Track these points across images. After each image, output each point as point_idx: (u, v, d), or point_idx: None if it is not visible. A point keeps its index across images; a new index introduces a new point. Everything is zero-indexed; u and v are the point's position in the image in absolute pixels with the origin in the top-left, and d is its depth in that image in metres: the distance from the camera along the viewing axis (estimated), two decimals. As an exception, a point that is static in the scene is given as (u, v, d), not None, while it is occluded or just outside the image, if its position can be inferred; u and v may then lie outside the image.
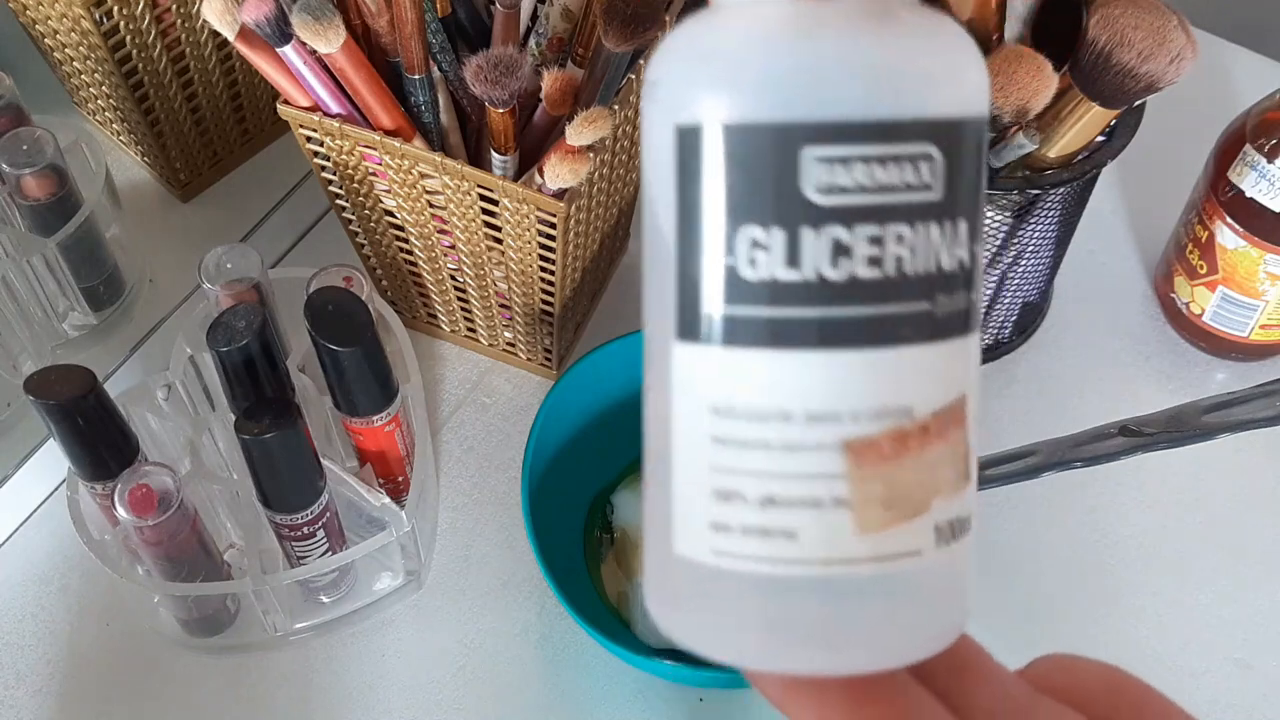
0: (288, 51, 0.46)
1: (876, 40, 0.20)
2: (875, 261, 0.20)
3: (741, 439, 0.21)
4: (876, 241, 0.20)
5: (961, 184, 0.21)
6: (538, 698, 0.53)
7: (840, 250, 0.20)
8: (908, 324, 0.20)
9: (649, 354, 0.22)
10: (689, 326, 0.21)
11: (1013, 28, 0.53)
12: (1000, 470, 0.57)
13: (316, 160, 0.52)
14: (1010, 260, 0.57)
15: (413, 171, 0.50)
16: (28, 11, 0.58)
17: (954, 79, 0.21)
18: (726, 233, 0.20)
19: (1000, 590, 0.55)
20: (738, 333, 0.20)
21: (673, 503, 0.22)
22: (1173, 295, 0.63)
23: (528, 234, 0.50)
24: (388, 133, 0.49)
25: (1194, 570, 0.57)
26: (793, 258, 0.20)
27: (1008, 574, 0.56)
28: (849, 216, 0.20)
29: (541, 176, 0.47)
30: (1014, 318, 0.62)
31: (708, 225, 0.20)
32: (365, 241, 0.58)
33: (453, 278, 0.57)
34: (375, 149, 0.49)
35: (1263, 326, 0.60)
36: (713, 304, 0.21)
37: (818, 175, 0.20)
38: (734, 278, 0.20)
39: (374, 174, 0.51)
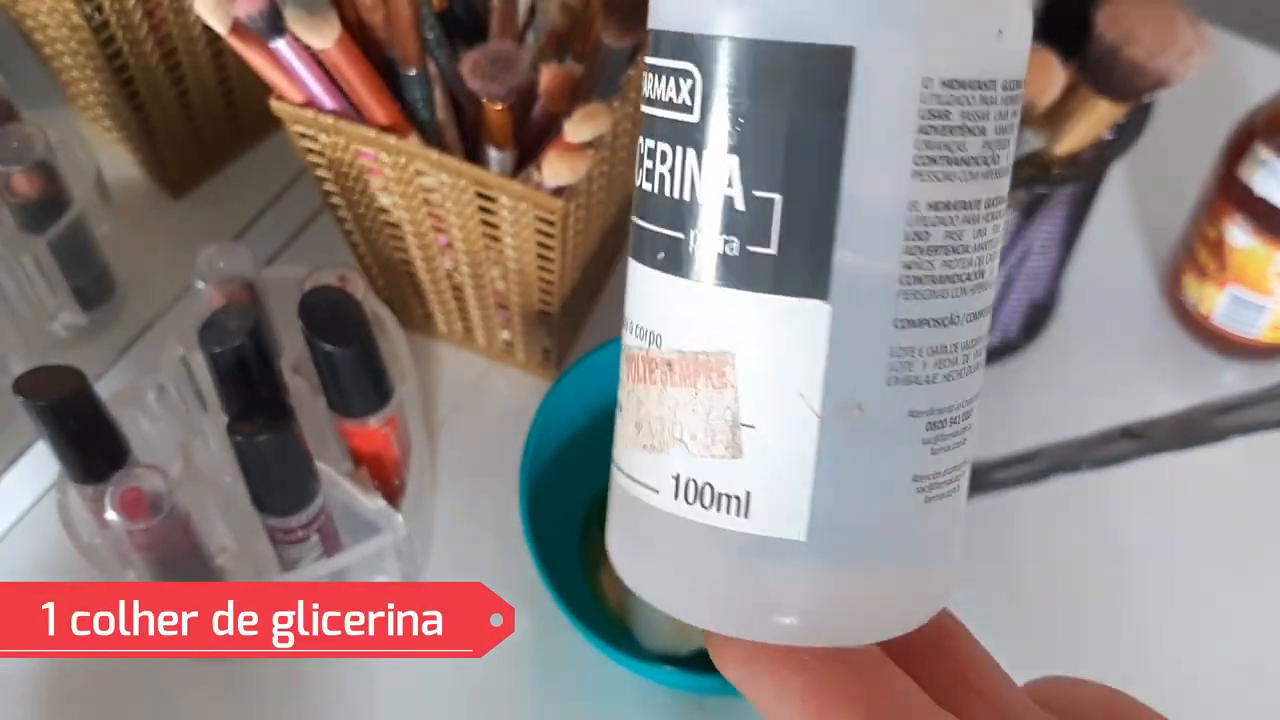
0: (281, 46, 0.46)
1: None
2: (649, 176, 0.21)
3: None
4: (652, 156, 0.21)
5: (726, 111, 0.20)
6: (536, 705, 0.52)
7: (640, 161, 0.21)
8: (661, 248, 0.21)
9: None
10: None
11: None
12: (1007, 473, 0.57)
13: (310, 157, 0.51)
14: (1017, 260, 0.56)
15: (409, 168, 0.49)
16: (18, 6, 0.57)
17: None
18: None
19: (1006, 594, 0.54)
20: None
21: None
22: (1181, 295, 0.62)
23: (526, 232, 0.49)
24: (383, 129, 0.48)
25: (1204, 575, 0.56)
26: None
27: (1014, 578, 0.55)
28: (648, 129, 0.21)
29: (540, 174, 0.46)
30: (1021, 318, 0.61)
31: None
32: (360, 240, 0.57)
33: (449, 277, 0.56)
34: (370, 145, 0.48)
35: (1273, 326, 0.59)
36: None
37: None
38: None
39: (369, 171, 0.51)
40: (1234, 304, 0.59)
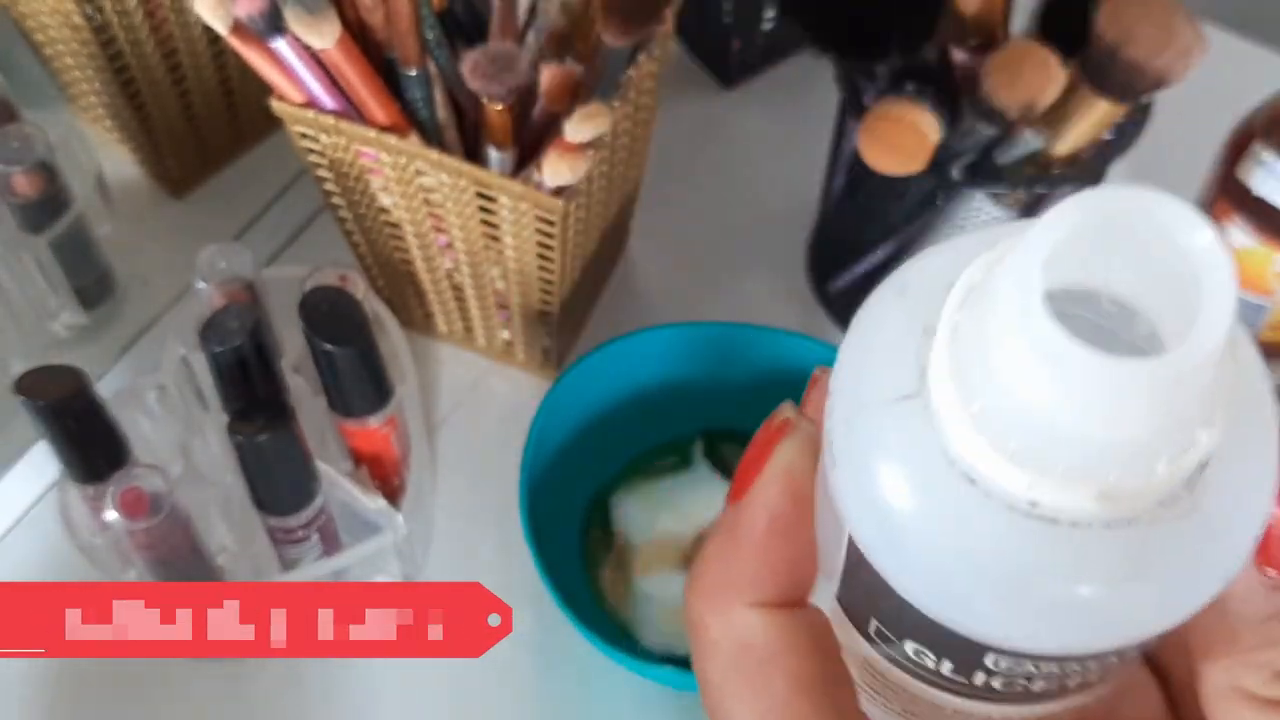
0: (281, 46, 0.46)
1: (1113, 600, 0.17)
2: (1046, 681, 0.19)
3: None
4: (1044, 676, 0.19)
5: None
6: (536, 705, 0.52)
7: (1010, 682, 0.19)
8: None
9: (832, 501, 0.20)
10: (851, 620, 0.20)
11: (1020, 21, 0.52)
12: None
13: (311, 157, 0.51)
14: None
15: (409, 168, 0.49)
16: (18, 6, 0.57)
17: (1179, 612, 0.17)
18: (894, 632, 0.19)
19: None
20: (893, 659, 0.20)
21: None
22: (1180, 295, 0.62)
23: (526, 232, 0.50)
24: (383, 129, 0.48)
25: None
26: (964, 673, 0.19)
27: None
28: (1024, 686, 0.19)
29: (540, 173, 0.46)
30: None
31: (872, 607, 0.19)
32: (360, 240, 0.57)
33: (449, 277, 0.56)
34: (370, 145, 0.48)
35: (1272, 327, 0.59)
36: (871, 632, 0.20)
37: (998, 663, 0.18)
38: (898, 649, 0.20)
39: (369, 171, 0.51)
40: (1233, 304, 0.59)
